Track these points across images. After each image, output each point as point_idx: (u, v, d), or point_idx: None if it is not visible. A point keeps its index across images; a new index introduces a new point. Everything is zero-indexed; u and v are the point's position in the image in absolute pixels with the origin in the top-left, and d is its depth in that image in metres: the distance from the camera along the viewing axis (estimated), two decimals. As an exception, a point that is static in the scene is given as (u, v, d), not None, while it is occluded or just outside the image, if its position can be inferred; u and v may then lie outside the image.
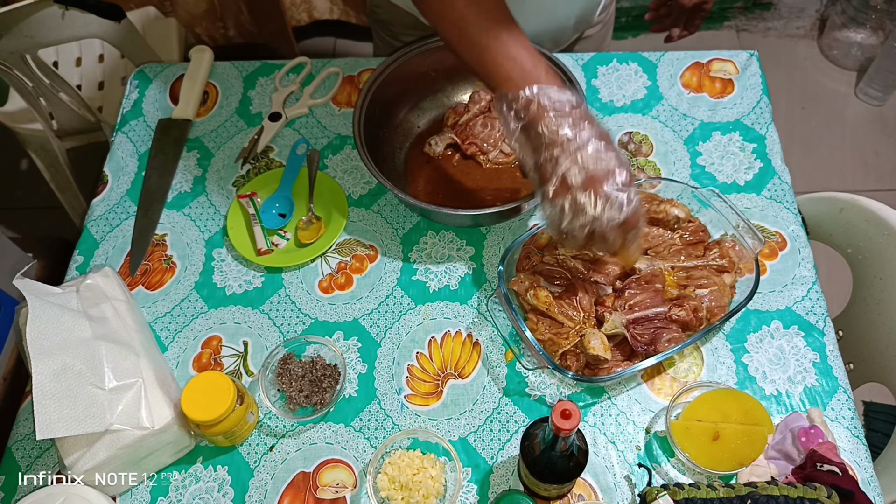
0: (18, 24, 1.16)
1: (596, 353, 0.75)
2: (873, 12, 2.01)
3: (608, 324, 0.78)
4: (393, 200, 0.97)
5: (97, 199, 0.99)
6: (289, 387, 0.82)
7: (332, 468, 0.79)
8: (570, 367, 0.78)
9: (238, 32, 1.98)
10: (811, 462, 0.72)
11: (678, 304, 0.78)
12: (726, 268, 0.82)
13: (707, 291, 0.79)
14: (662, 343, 0.76)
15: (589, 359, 0.77)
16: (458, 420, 0.81)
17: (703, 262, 0.82)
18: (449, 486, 0.76)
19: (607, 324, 0.78)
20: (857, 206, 0.93)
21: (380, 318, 0.88)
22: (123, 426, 0.71)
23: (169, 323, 0.89)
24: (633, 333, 0.77)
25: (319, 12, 2.08)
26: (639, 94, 1.04)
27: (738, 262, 0.82)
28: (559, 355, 0.78)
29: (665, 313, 0.78)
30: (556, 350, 0.78)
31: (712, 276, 0.81)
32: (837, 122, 2.03)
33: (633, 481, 0.77)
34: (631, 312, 0.78)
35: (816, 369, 0.82)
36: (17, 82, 1.27)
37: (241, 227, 0.94)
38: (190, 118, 1.05)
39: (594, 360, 0.77)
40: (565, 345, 0.78)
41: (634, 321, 0.78)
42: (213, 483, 0.78)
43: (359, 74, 1.09)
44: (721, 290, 0.80)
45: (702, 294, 0.79)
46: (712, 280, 0.80)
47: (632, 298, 0.79)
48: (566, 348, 0.78)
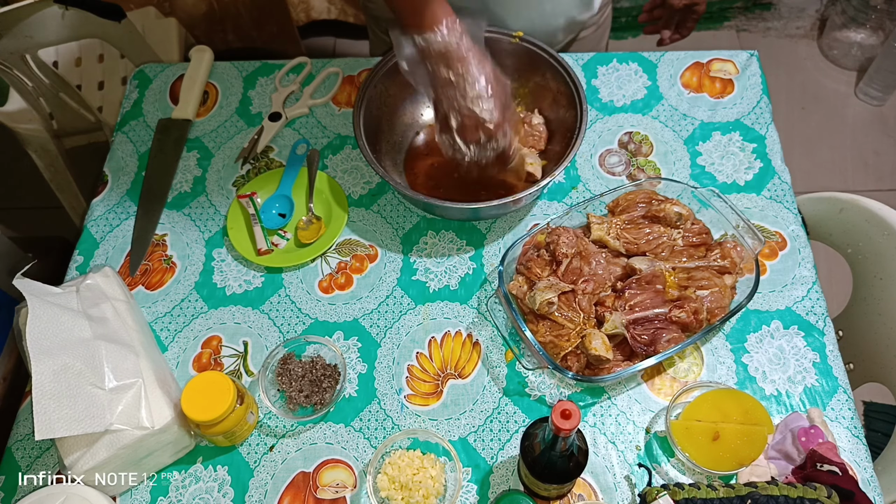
0: (18, 24, 1.16)
1: (598, 353, 0.75)
2: (873, 12, 2.01)
3: (608, 324, 0.78)
4: (393, 200, 0.97)
5: (97, 199, 0.99)
6: (289, 387, 0.82)
7: (332, 468, 0.79)
8: (571, 368, 0.78)
9: (237, 36, 1.98)
10: (811, 462, 0.72)
11: (679, 305, 0.78)
12: (728, 269, 0.82)
13: (708, 293, 0.79)
14: (662, 343, 0.76)
15: (591, 359, 0.77)
16: (458, 420, 0.81)
17: (705, 264, 0.82)
18: (449, 486, 0.76)
19: (607, 324, 0.78)
20: (857, 206, 0.93)
21: (380, 318, 0.88)
22: (123, 426, 0.71)
23: (169, 323, 0.89)
24: (633, 334, 0.77)
25: (317, 12, 2.08)
26: (639, 94, 1.04)
27: (739, 263, 0.82)
28: (560, 357, 0.78)
29: (665, 314, 0.78)
30: (558, 352, 0.78)
31: (713, 278, 0.81)
32: (837, 122, 2.03)
33: (633, 481, 0.77)
34: (631, 313, 0.78)
35: (816, 369, 0.82)
36: (17, 82, 1.27)
37: (241, 227, 0.94)
38: (190, 118, 1.05)
39: (596, 361, 0.77)
40: (567, 346, 0.78)
41: (634, 321, 0.78)
42: (213, 483, 0.78)
43: (359, 74, 1.09)
44: (722, 291, 0.80)
45: (702, 295, 0.79)
46: (713, 281, 0.80)
47: (632, 299, 0.79)
48: (568, 350, 0.78)
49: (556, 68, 0.94)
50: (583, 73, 1.07)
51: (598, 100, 1.04)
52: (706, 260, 0.82)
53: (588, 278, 0.81)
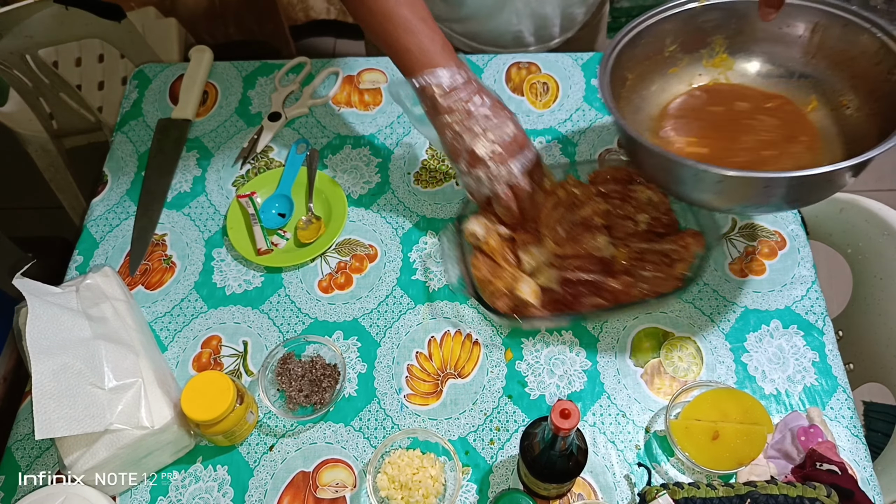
0: (18, 24, 1.16)
1: (524, 297, 0.79)
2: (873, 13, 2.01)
3: (543, 276, 0.82)
4: (393, 200, 0.97)
5: (97, 199, 0.99)
6: (288, 386, 0.82)
7: (332, 468, 0.79)
8: (500, 308, 0.80)
9: (238, 30, 1.99)
10: (811, 461, 0.72)
11: (614, 276, 0.81)
12: (679, 258, 0.82)
13: (651, 275, 0.81)
14: (584, 305, 0.80)
15: (517, 302, 0.80)
16: (458, 420, 0.81)
17: (658, 248, 0.83)
18: (448, 486, 0.76)
19: (542, 276, 0.82)
20: (857, 206, 0.93)
21: (379, 318, 0.88)
22: (123, 426, 0.71)
23: (169, 323, 0.89)
24: (565, 290, 0.81)
25: (316, 12, 2.08)
26: (638, 93, 1.04)
27: (692, 254, 0.82)
28: (490, 293, 0.81)
29: (602, 282, 0.81)
30: (491, 290, 0.81)
31: (662, 264, 0.82)
32: (837, 122, 2.03)
33: (632, 480, 0.77)
34: (567, 271, 0.81)
35: (816, 368, 0.82)
36: (17, 82, 1.27)
37: (241, 226, 0.94)
38: (190, 118, 1.05)
39: (521, 304, 0.80)
40: (499, 286, 0.81)
41: (569, 281, 0.81)
42: (213, 483, 0.78)
43: (358, 74, 1.09)
44: (666, 278, 0.81)
45: (645, 276, 0.81)
46: (660, 267, 0.82)
47: (575, 261, 0.82)
48: (498, 288, 0.81)
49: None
50: (582, 73, 1.07)
51: (598, 99, 1.04)
52: (660, 245, 0.83)
53: (533, 232, 0.85)
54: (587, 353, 0.84)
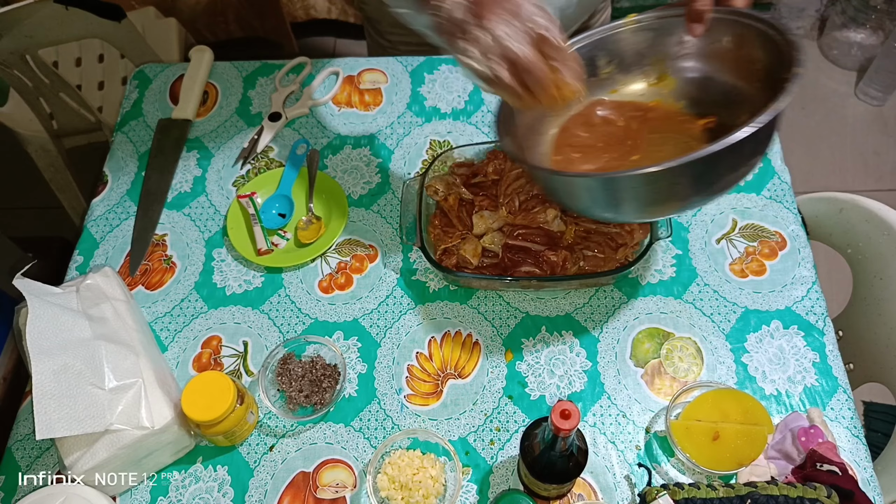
0: (18, 24, 1.16)
1: (465, 255, 0.84)
2: (873, 12, 2.01)
3: (487, 238, 0.85)
4: (393, 200, 0.97)
5: (97, 199, 0.99)
6: (289, 387, 0.82)
7: (332, 468, 0.79)
8: (445, 263, 0.85)
9: (239, 27, 1.99)
10: (811, 462, 0.72)
11: (555, 251, 0.83)
12: (623, 243, 0.84)
13: (591, 255, 0.84)
14: (518, 271, 0.83)
15: (459, 260, 0.85)
16: (458, 420, 0.81)
17: (605, 230, 0.85)
18: (449, 486, 0.76)
19: (486, 238, 0.85)
20: (857, 206, 0.93)
21: (380, 318, 0.88)
22: (123, 426, 0.71)
23: (169, 323, 0.89)
24: (506, 255, 0.84)
25: (317, 11, 2.08)
26: (639, 94, 1.04)
27: (636, 241, 0.84)
28: (440, 250, 0.85)
29: (541, 252, 0.84)
30: (440, 244, 0.86)
31: (605, 247, 0.84)
32: (837, 122, 2.03)
33: (632, 481, 0.77)
34: (511, 238, 0.84)
35: (816, 369, 0.82)
36: (17, 82, 1.27)
37: (241, 227, 0.94)
38: (190, 118, 1.05)
39: (461, 261, 0.85)
40: (448, 242, 0.86)
41: (512, 248, 0.84)
42: (213, 483, 0.78)
43: (359, 74, 1.09)
44: (606, 259, 0.84)
45: (586, 255, 0.84)
46: (603, 249, 0.84)
47: (524, 231, 0.85)
48: (448, 245, 0.85)
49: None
50: (583, 73, 1.07)
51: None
52: (606, 227, 0.85)
53: (492, 198, 0.88)
54: (587, 353, 0.84)
